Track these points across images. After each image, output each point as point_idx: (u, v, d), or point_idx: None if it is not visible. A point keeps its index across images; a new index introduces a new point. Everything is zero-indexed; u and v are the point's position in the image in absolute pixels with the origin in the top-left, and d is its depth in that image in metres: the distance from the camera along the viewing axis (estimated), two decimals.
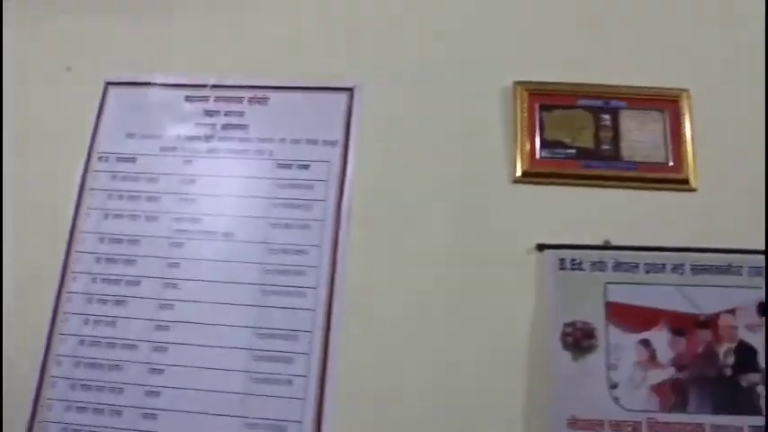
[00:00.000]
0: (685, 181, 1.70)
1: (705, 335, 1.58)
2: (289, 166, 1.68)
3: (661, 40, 1.84)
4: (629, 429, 1.51)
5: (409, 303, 1.61)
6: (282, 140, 1.73)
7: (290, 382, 1.56)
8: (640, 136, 1.73)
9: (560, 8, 1.88)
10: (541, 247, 1.64)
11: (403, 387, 1.56)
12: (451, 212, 1.68)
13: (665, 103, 1.76)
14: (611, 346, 1.56)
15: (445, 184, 1.70)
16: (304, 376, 1.56)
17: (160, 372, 1.58)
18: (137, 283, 1.63)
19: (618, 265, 1.62)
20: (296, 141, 1.73)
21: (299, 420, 1.52)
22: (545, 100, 1.76)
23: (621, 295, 1.60)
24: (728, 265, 1.63)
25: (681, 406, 1.53)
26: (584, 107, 1.76)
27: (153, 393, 1.57)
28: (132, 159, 1.68)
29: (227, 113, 1.69)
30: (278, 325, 1.59)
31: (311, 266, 1.63)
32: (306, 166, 1.71)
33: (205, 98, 1.80)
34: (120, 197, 1.63)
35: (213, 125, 1.69)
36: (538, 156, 1.71)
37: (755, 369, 1.56)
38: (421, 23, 1.88)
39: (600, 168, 1.70)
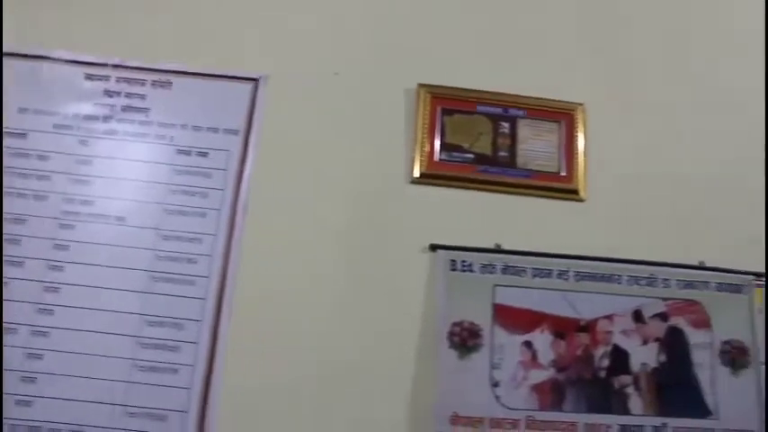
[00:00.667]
0: (575, 191, 1.88)
1: (584, 338, 1.76)
2: (188, 153, 1.72)
3: (561, 54, 2.02)
4: (509, 426, 1.66)
5: (301, 298, 1.69)
6: (183, 126, 1.78)
7: (175, 371, 1.60)
8: (536, 145, 1.91)
9: (469, 16, 2.02)
10: (434, 248, 1.78)
11: (290, 382, 1.63)
12: (348, 209, 1.78)
13: (562, 115, 1.95)
14: (495, 346, 1.70)
15: (343, 180, 1.80)
16: (191, 365, 1.61)
17: (40, 357, 1.58)
18: (20, 264, 1.66)
19: (507, 269, 1.79)
20: (197, 128, 1.79)
21: (184, 410, 1.57)
22: (447, 104, 1.90)
23: (508, 297, 1.76)
24: (610, 274, 1.84)
25: (558, 405, 1.69)
26: (485, 113, 1.91)
27: (30, 379, 1.56)
28: (23, 135, 1.68)
29: (129, 95, 1.73)
30: (167, 313, 1.62)
31: (204, 255, 1.69)
32: (205, 154, 1.78)
33: (106, 78, 1.82)
34: (8, 174, 1.61)
35: (113, 106, 1.71)
36: (437, 158, 1.85)
37: (627, 371, 1.75)
38: (330, 21, 1.96)
39: (495, 174, 1.85)
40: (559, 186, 1.85)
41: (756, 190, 1.95)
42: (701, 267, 1.83)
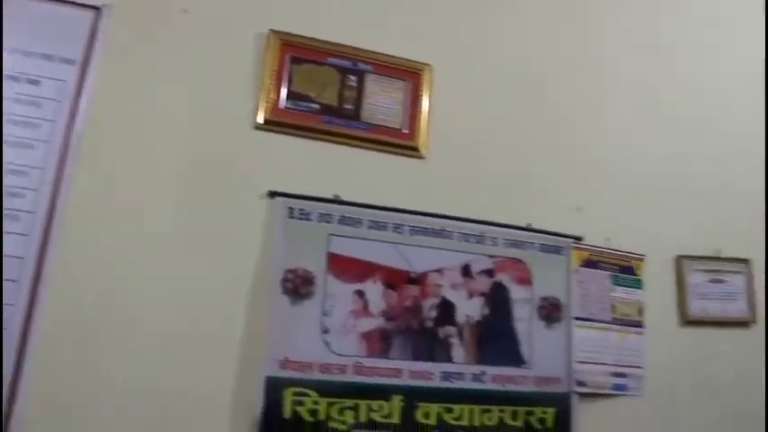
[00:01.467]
0: (416, 149, 2.07)
1: (414, 290, 1.98)
2: (16, 79, 1.79)
3: (415, 15, 2.22)
4: (337, 372, 1.86)
5: (134, 240, 1.78)
6: (13, 51, 1.80)
7: None
8: (382, 101, 2.07)
9: None
10: (273, 194, 1.92)
11: (125, 330, 1.74)
12: (188, 151, 1.87)
13: (409, 74, 2.14)
14: (327, 294, 1.88)
15: (185, 122, 1.89)
16: (11, 305, 1.64)
17: None
18: None
19: (343, 219, 1.97)
20: (28, 54, 1.83)
21: None
22: (297, 53, 2.03)
23: (343, 247, 1.95)
24: (442, 230, 2.11)
25: (385, 352, 1.90)
26: (334, 65, 2.07)
27: None
28: None
29: None
30: None
31: (30, 189, 1.74)
32: (36, 82, 1.82)
33: None
34: None
35: None
36: (282, 106, 1.98)
37: (453, 323, 2.02)
38: None
39: (339, 126, 2.02)
40: (401, 143, 2.07)
41: (582, 161, 2.30)
42: (528, 229, 2.13)
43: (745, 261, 2.40)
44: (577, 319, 2.13)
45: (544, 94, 2.30)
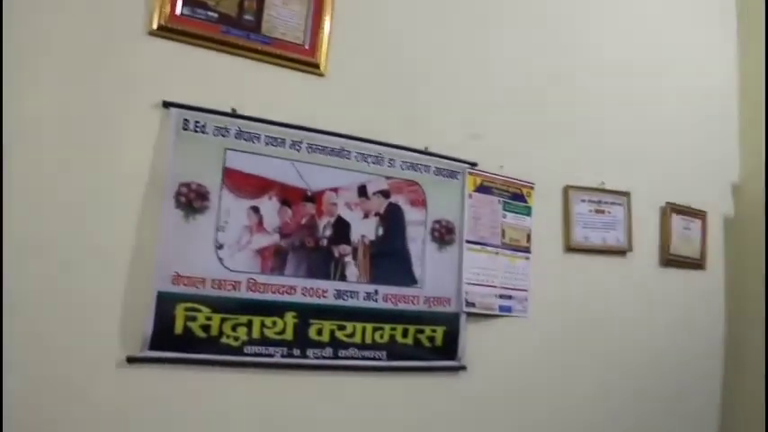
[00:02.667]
0: (316, 65, 2.05)
1: (310, 208, 1.99)
2: None
3: None
4: (230, 288, 1.88)
5: (21, 157, 1.73)
6: None
7: None
8: (283, 13, 2.00)
9: None
10: (167, 105, 1.87)
11: (11, 243, 1.69)
12: (77, 57, 1.81)
13: None
14: (222, 209, 1.87)
15: (75, 27, 1.82)
16: None
17: None
18: None
19: (240, 134, 1.95)
20: None
21: None
22: None
23: (239, 162, 1.92)
24: (340, 149, 2.14)
25: (279, 269, 1.92)
26: None
27: None
28: None
29: None
30: None
31: None
32: None
33: None
34: None
35: None
36: (178, 12, 1.90)
37: (347, 242, 2.09)
38: None
39: (238, 37, 1.97)
40: (302, 58, 2.04)
41: (480, 89, 2.38)
42: (424, 152, 2.18)
43: (626, 194, 2.57)
44: (469, 242, 2.22)
45: (447, 19, 2.35)
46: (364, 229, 2.07)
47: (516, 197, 2.34)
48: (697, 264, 2.76)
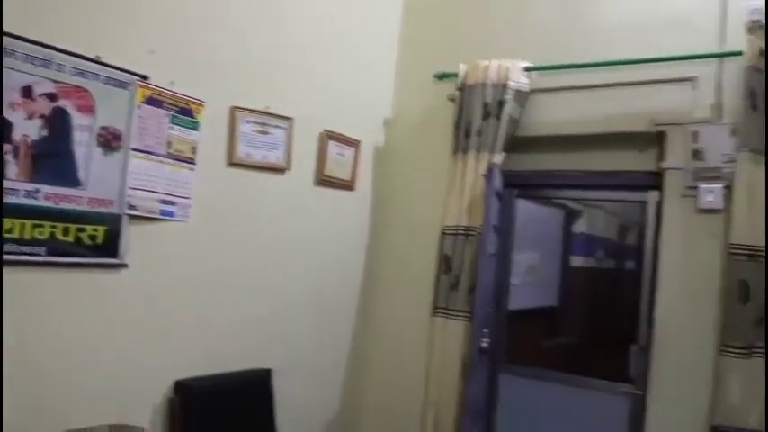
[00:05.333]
0: None
1: None
2: None
3: None
4: None
5: None
6: None
7: None
8: None
9: None
10: None
11: None
12: None
13: None
14: None
15: None
16: None
17: None
18: None
19: None
20: None
21: None
22: None
23: None
24: (5, 48, 2.07)
25: None
26: None
27: None
28: None
29: None
30: None
31: None
32: None
33: None
34: None
35: None
36: None
37: (9, 141, 2.11)
38: None
39: None
40: None
41: (155, 5, 2.54)
42: (96, 61, 2.32)
43: (289, 119, 2.99)
44: (135, 150, 2.42)
45: None
46: (27, 129, 2.15)
47: (185, 112, 2.59)
48: (348, 185, 3.31)
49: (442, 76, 3.36)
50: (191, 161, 2.61)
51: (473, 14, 3.40)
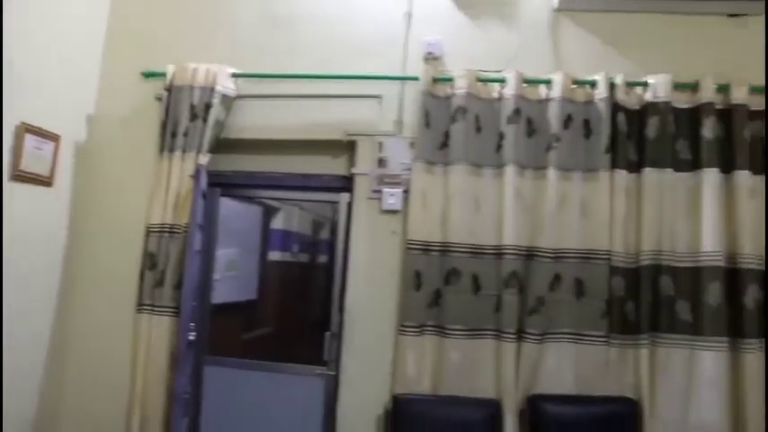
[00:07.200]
0: None
1: None
2: None
3: None
4: None
5: None
6: None
7: None
8: None
9: None
10: None
11: None
12: None
13: None
14: None
15: None
16: None
17: None
18: None
19: None
20: None
21: None
22: None
23: None
24: None
25: None
26: None
27: None
28: None
29: None
30: None
31: None
32: None
33: None
34: None
35: None
36: None
37: None
38: None
39: None
40: None
41: None
42: None
43: None
44: None
45: None
46: None
47: None
48: (46, 181, 3.19)
49: (149, 75, 3.43)
50: None
51: (185, 18, 3.58)
